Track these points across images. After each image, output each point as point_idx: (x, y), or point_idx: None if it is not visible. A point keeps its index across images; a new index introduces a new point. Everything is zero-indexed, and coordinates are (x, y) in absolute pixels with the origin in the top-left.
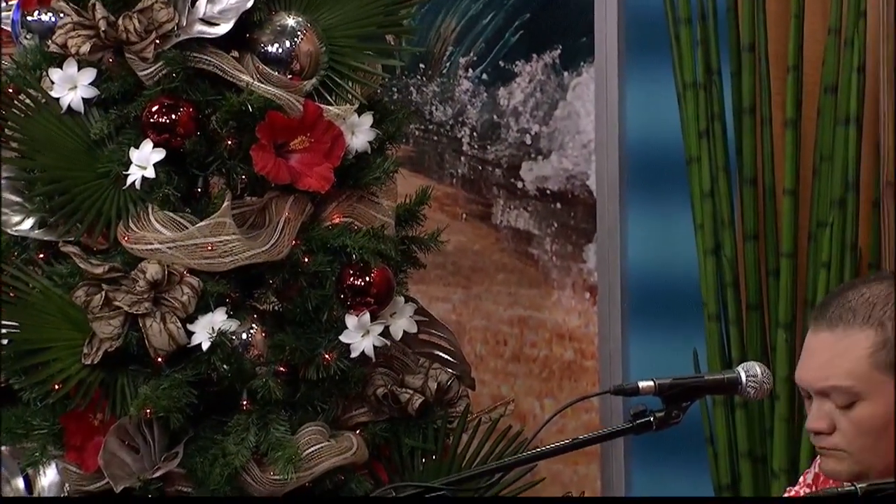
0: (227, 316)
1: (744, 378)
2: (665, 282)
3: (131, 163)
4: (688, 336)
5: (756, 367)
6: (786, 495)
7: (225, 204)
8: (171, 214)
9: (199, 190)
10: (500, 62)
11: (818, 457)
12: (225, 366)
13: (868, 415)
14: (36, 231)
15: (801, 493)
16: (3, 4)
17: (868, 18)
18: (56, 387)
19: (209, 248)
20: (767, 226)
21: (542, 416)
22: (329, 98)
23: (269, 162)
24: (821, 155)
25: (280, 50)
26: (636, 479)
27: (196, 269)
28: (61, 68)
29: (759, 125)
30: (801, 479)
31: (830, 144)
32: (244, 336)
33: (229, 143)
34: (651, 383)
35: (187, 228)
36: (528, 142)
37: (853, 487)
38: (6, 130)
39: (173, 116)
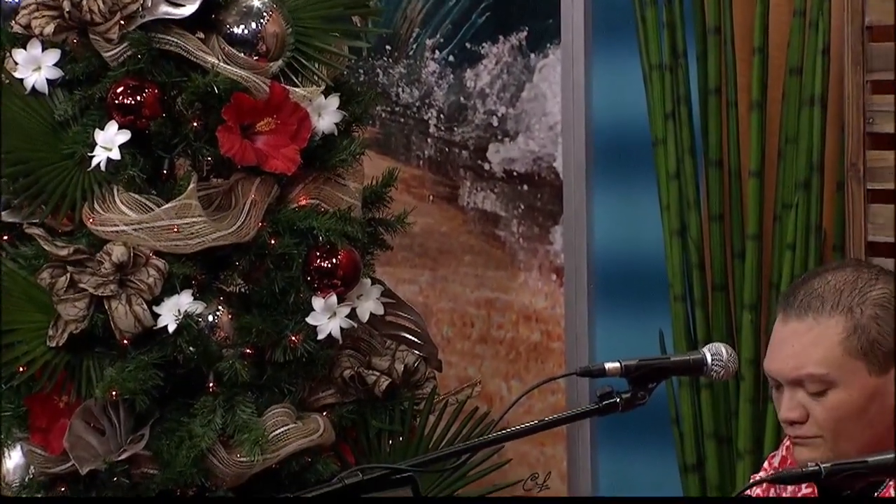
0: (193, 298)
1: (709, 359)
2: (631, 263)
3: (96, 144)
4: (653, 317)
5: (721, 349)
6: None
7: (191, 186)
8: (137, 196)
9: (165, 172)
10: (467, 44)
11: (786, 440)
12: (191, 348)
13: (842, 401)
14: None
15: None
16: None
17: (832, 0)
18: (21, 369)
19: (175, 229)
20: (733, 207)
21: (509, 397)
22: (295, 80)
23: (235, 144)
24: (786, 137)
25: (246, 31)
26: (602, 459)
27: (162, 251)
28: (25, 49)
29: (724, 107)
30: (765, 464)
31: (795, 126)
32: (210, 318)
33: (195, 124)
34: (617, 364)
35: (153, 210)
36: (495, 124)
37: (817, 467)
38: None
39: (138, 98)
